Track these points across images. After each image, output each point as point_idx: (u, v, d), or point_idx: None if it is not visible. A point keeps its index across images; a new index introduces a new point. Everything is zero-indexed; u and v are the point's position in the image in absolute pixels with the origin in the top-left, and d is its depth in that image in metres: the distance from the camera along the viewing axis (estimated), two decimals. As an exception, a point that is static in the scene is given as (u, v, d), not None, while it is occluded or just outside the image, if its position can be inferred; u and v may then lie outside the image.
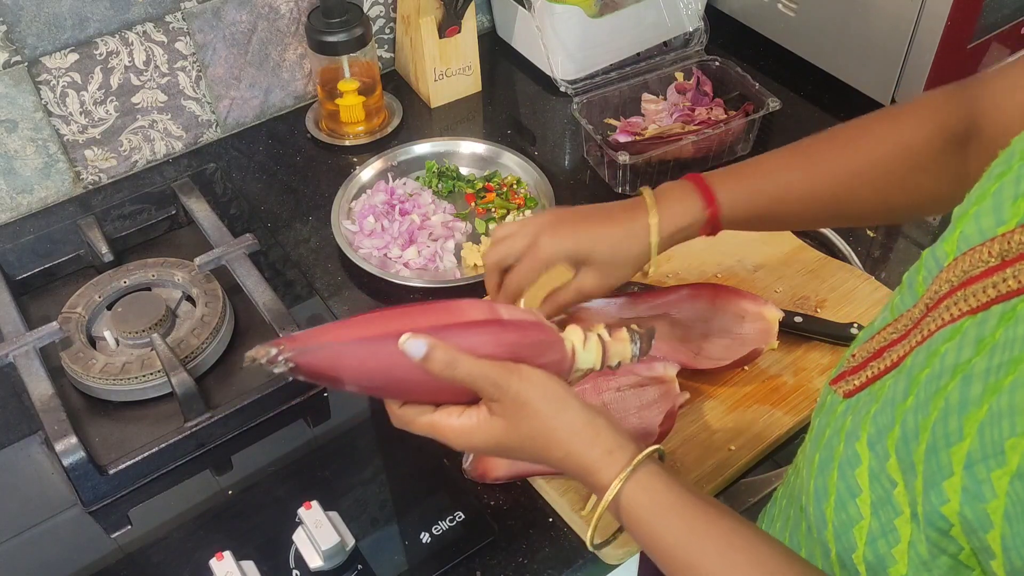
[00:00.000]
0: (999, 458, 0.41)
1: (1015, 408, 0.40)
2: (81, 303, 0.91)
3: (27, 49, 0.98)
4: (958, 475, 0.43)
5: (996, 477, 0.41)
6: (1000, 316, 0.44)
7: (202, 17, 1.07)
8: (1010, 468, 0.40)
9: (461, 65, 1.20)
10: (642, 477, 0.58)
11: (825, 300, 0.92)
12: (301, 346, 0.57)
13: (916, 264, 0.55)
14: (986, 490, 0.42)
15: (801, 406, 0.83)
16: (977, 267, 0.47)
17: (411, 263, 0.99)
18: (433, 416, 0.61)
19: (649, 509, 0.57)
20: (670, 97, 1.15)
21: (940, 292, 0.50)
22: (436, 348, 0.57)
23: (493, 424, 0.60)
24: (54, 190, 1.08)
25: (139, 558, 0.76)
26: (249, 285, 0.89)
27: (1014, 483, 0.40)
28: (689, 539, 0.56)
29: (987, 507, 0.42)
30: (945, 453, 0.44)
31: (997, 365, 0.42)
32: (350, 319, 0.60)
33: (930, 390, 0.46)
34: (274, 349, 0.57)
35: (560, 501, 0.76)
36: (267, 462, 0.82)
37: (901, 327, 0.54)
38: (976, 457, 0.42)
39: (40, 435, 0.84)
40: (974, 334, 0.45)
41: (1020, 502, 0.40)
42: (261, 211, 1.07)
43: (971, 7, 1.03)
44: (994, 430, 0.41)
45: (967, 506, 0.43)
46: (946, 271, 0.50)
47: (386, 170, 1.10)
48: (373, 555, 0.74)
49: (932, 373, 0.46)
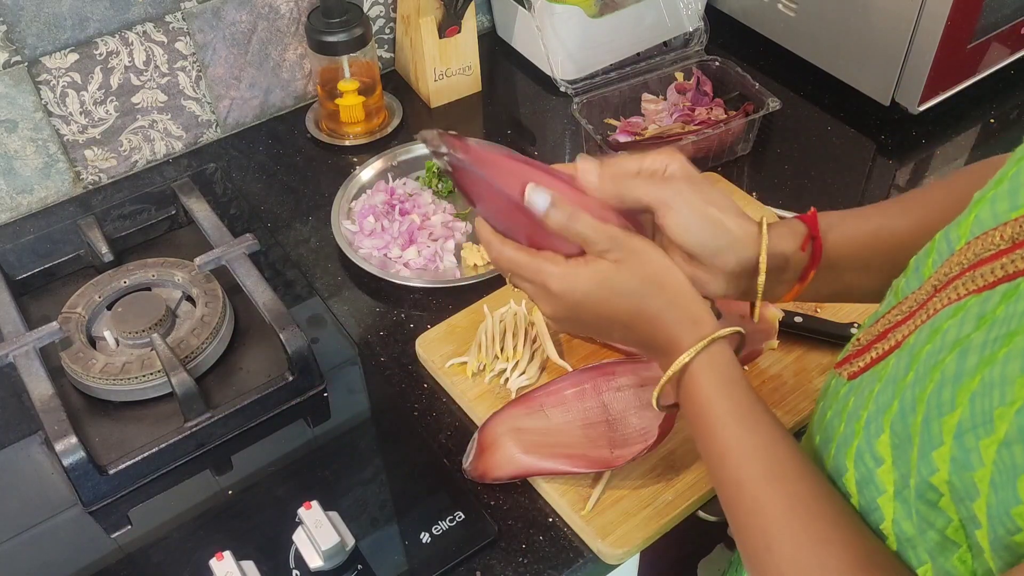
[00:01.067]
0: (988, 427, 0.41)
1: (1006, 378, 0.40)
2: (81, 303, 0.91)
3: (27, 49, 0.98)
4: (947, 445, 0.43)
5: (984, 446, 0.41)
6: (1003, 294, 0.44)
7: (202, 17, 1.07)
8: (998, 436, 0.40)
9: (461, 65, 1.20)
10: (714, 355, 0.59)
11: (825, 300, 0.92)
12: (462, 157, 0.62)
13: (926, 247, 0.55)
14: (974, 459, 0.42)
15: (801, 406, 0.83)
16: (988, 250, 0.47)
17: (411, 263, 0.99)
18: (541, 258, 0.63)
19: (708, 387, 0.59)
20: (670, 97, 1.15)
21: (950, 274, 0.50)
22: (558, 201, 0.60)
23: (603, 267, 0.61)
24: (54, 190, 1.08)
25: (139, 558, 0.76)
26: (249, 285, 0.89)
27: (1001, 451, 0.40)
28: (737, 428, 0.58)
29: (974, 475, 0.42)
30: (937, 423, 0.44)
31: (994, 338, 0.42)
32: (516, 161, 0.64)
33: (929, 364, 0.46)
34: (445, 148, 0.61)
35: (560, 501, 0.77)
36: (267, 462, 0.82)
37: (906, 308, 0.54)
38: (966, 427, 0.42)
39: (40, 435, 0.84)
40: (976, 311, 0.45)
41: (1006, 470, 0.40)
42: (261, 211, 1.07)
43: (971, 7, 1.03)
44: (984, 400, 0.41)
45: (955, 475, 0.43)
46: (957, 254, 0.50)
47: (386, 170, 1.10)
48: (373, 555, 0.74)
49: (933, 348, 0.47)
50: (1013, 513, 0.40)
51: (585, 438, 0.77)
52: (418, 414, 0.85)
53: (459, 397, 0.85)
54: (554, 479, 0.77)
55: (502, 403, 0.82)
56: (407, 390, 0.87)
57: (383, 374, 0.89)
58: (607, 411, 0.79)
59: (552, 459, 0.76)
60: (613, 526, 0.74)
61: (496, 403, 0.83)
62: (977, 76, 1.15)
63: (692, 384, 0.60)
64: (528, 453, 0.76)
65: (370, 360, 0.90)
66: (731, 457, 0.57)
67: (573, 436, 0.77)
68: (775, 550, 0.53)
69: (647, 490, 0.77)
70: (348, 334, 0.93)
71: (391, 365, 0.90)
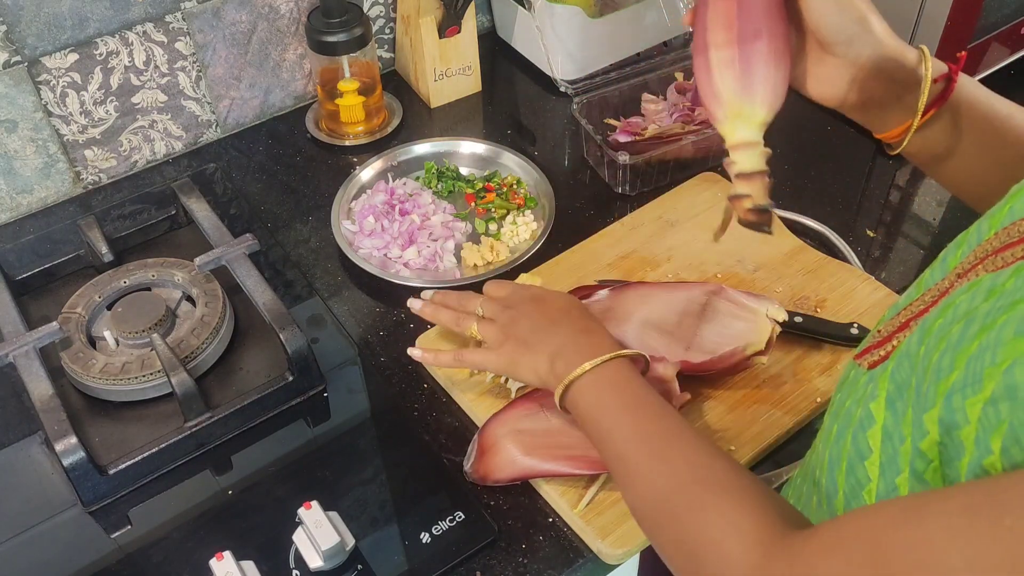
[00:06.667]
0: (976, 386, 0.41)
1: (1000, 341, 0.41)
2: (81, 303, 0.91)
3: (27, 49, 0.98)
4: (938, 406, 0.44)
5: (969, 404, 0.42)
6: (1016, 269, 0.44)
7: (202, 17, 1.07)
8: (984, 395, 0.41)
9: (461, 65, 1.20)
10: (611, 369, 0.69)
11: (825, 300, 0.92)
12: None
13: (957, 239, 0.55)
14: (959, 417, 0.42)
15: (801, 406, 0.83)
16: (1013, 237, 0.48)
17: (411, 263, 0.99)
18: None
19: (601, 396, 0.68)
20: (670, 97, 1.15)
21: (975, 261, 0.50)
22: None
23: None
24: (54, 190, 1.08)
25: (139, 558, 0.76)
26: (249, 285, 0.89)
27: (986, 408, 0.41)
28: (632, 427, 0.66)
29: (960, 433, 0.42)
30: (933, 387, 0.45)
31: (998, 307, 0.43)
32: None
33: (938, 336, 0.47)
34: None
35: (560, 501, 0.77)
36: (267, 462, 0.82)
37: (928, 298, 0.54)
38: (957, 387, 0.43)
39: (40, 435, 0.84)
40: (988, 285, 0.46)
41: (989, 426, 0.40)
42: (261, 211, 1.07)
43: (971, 7, 1.03)
44: (977, 362, 0.42)
45: (945, 436, 0.44)
46: (984, 243, 0.51)
47: (386, 170, 1.10)
48: (373, 555, 0.74)
49: (944, 322, 0.47)
50: (985, 464, 0.41)
51: (585, 439, 0.77)
52: (418, 414, 0.85)
53: (459, 397, 0.85)
54: (554, 480, 0.77)
55: (502, 403, 0.82)
56: (407, 390, 0.87)
57: (383, 374, 0.89)
58: None
59: (553, 461, 0.76)
60: (613, 526, 0.74)
61: (496, 403, 0.83)
62: (977, 76, 1.15)
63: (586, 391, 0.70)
64: (529, 455, 0.76)
65: (370, 360, 0.90)
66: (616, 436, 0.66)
67: (573, 437, 0.77)
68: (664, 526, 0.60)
69: (647, 490, 0.77)
70: (348, 334, 0.93)
71: (391, 365, 0.90)
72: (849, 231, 1.01)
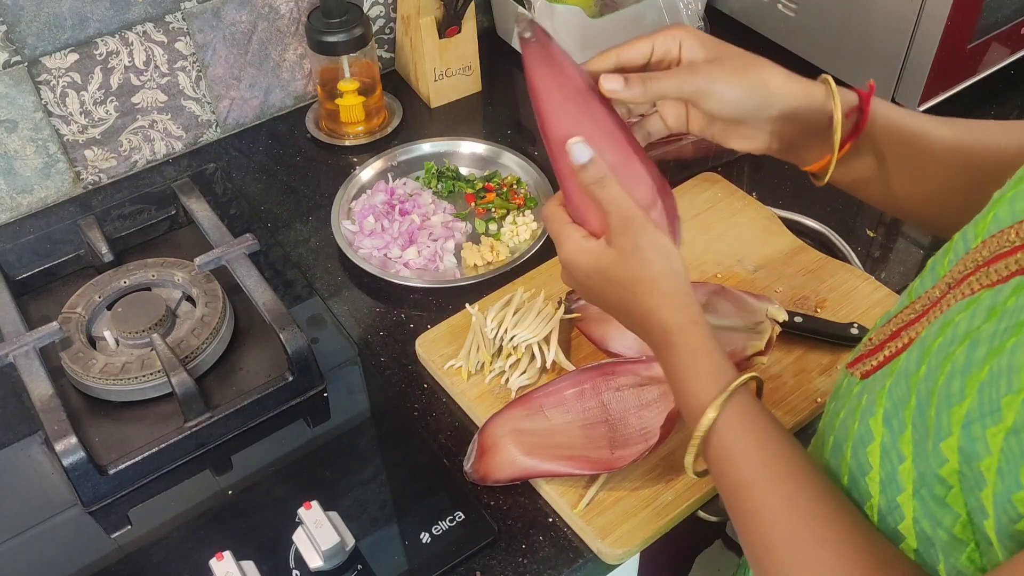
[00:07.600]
0: (995, 415, 0.41)
1: (1014, 367, 0.41)
2: (81, 303, 0.91)
3: (27, 49, 0.98)
4: (955, 435, 0.43)
5: (991, 434, 0.41)
6: (1015, 287, 0.44)
7: (202, 17, 1.07)
8: (1006, 424, 0.40)
9: (461, 65, 1.20)
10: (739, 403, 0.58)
11: (825, 300, 0.92)
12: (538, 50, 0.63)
13: (944, 247, 0.55)
14: (980, 447, 0.42)
15: (801, 406, 0.83)
16: (1003, 247, 0.47)
17: (411, 263, 0.99)
18: (567, 225, 0.66)
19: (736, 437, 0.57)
20: (670, 97, 1.15)
21: (964, 271, 0.50)
22: (594, 162, 0.61)
23: (606, 253, 0.63)
24: (54, 190, 1.08)
25: (139, 558, 0.76)
26: (249, 285, 0.89)
27: (1008, 439, 0.40)
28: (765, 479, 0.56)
29: (981, 464, 0.42)
30: (946, 414, 0.44)
31: (1003, 329, 0.43)
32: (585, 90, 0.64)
33: (940, 357, 0.46)
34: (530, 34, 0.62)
35: (560, 501, 0.77)
36: (267, 462, 0.82)
37: (919, 307, 0.54)
38: (974, 416, 0.42)
39: (40, 435, 0.84)
40: (988, 303, 0.45)
41: (1013, 458, 0.40)
42: (261, 211, 1.07)
43: (971, 7, 1.03)
44: (992, 389, 0.41)
45: (964, 465, 0.43)
46: (973, 252, 0.50)
47: (386, 170, 1.10)
48: (373, 555, 0.74)
49: (944, 341, 0.47)
50: (1015, 499, 0.40)
51: (585, 439, 0.77)
52: (418, 414, 0.85)
53: (459, 397, 0.85)
54: (554, 480, 0.77)
55: (502, 403, 0.82)
56: (407, 390, 0.87)
57: (383, 374, 0.89)
58: (607, 411, 0.79)
59: (553, 461, 0.76)
60: (613, 526, 0.74)
61: (496, 403, 0.83)
62: (977, 76, 1.15)
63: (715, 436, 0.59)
64: (529, 455, 0.76)
65: (370, 360, 0.90)
66: (730, 460, 0.58)
67: (573, 437, 0.77)
68: (773, 551, 0.54)
69: (647, 490, 0.77)
70: (348, 334, 0.93)
71: (391, 365, 0.90)
72: (849, 231, 1.01)
